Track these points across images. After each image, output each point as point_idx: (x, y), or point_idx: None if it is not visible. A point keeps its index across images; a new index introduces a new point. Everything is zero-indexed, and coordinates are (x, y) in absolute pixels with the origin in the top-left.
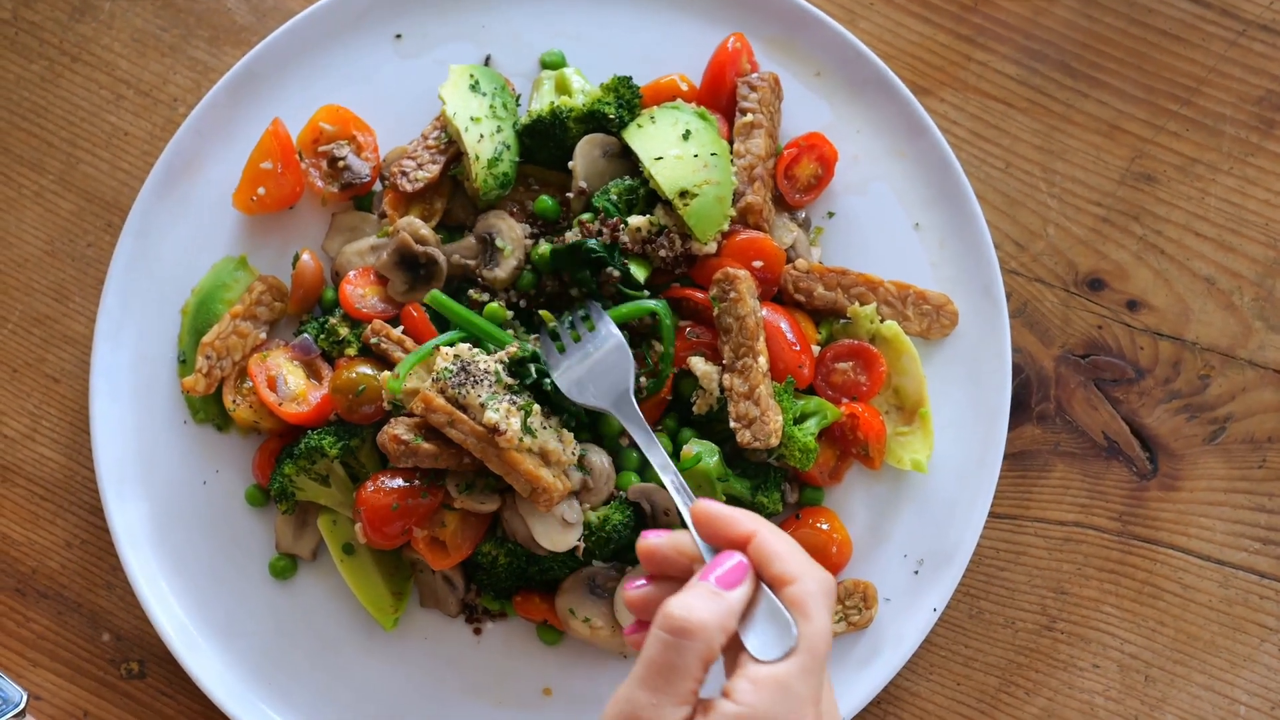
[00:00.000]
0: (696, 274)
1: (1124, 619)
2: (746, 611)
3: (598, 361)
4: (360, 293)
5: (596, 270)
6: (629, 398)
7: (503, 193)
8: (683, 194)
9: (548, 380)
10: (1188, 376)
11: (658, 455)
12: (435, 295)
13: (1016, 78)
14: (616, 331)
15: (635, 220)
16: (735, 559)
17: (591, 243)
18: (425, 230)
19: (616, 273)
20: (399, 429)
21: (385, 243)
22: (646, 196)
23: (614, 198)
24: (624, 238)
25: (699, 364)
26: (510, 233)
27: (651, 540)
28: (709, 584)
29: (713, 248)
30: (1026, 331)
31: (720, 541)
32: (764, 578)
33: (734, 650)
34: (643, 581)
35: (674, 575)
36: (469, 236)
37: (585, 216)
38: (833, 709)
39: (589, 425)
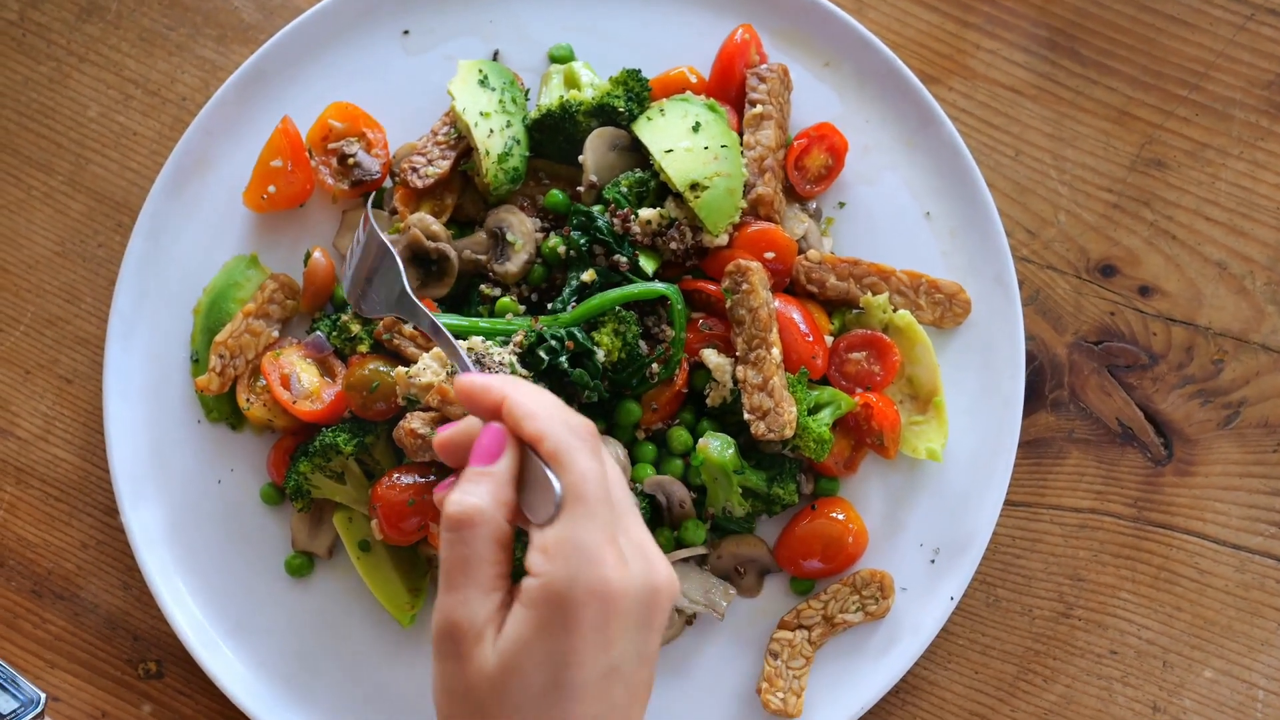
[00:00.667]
0: (708, 266)
1: (1141, 605)
2: (522, 479)
3: (370, 269)
4: None
5: (604, 253)
6: (408, 297)
7: (513, 187)
8: (693, 186)
9: (562, 360)
10: (1201, 361)
11: (444, 341)
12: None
13: (1025, 65)
14: (381, 236)
15: (646, 213)
16: (490, 431)
17: (600, 221)
18: (436, 226)
19: (624, 260)
20: (415, 423)
21: (397, 239)
22: (657, 189)
23: (624, 190)
24: (635, 229)
25: (712, 356)
26: (521, 227)
27: (444, 434)
28: (474, 468)
29: (724, 240)
30: (1039, 319)
31: (482, 413)
32: (523, 440)
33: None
34: (451, 479)
35: None
36: (480, 231)
37: (596, 209)
38: (642, 538)
39: (604, 416)
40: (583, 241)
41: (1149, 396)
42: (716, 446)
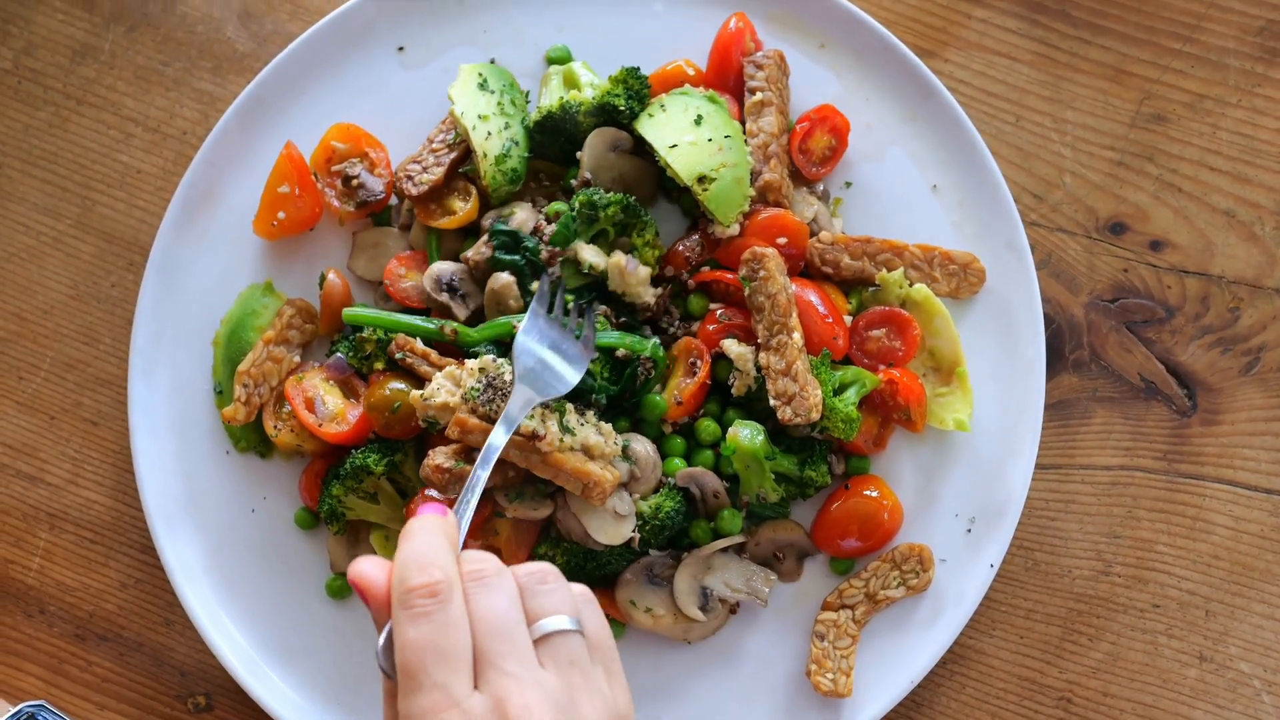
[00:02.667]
0: (723, 256)
1: (1179, 556)
2: None
3: (553, 364)
4: (401, 271)
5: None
6: (515, 418)
7: (513, 189)
8: (701, 179)
9: None
10: (1217, 310)
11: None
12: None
13: (1018, 31)
14: (586, 364)
15: (583, 251)
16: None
17: (527, 243)
18: (446, 268)
19: (602, 308)
20: (439, 459)
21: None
22: (621, 216)
23: (575, 207)
24: (564, 272)
25: (732, 346)
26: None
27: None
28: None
29: (735, 229)
30: (1053, 281)
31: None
32: None
33: None
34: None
35: None
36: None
37: (555, 207)
38: (501, 693)
39: (628, 412)
40: (509, 260)
41: (1169, 349)
42: (746, 434)
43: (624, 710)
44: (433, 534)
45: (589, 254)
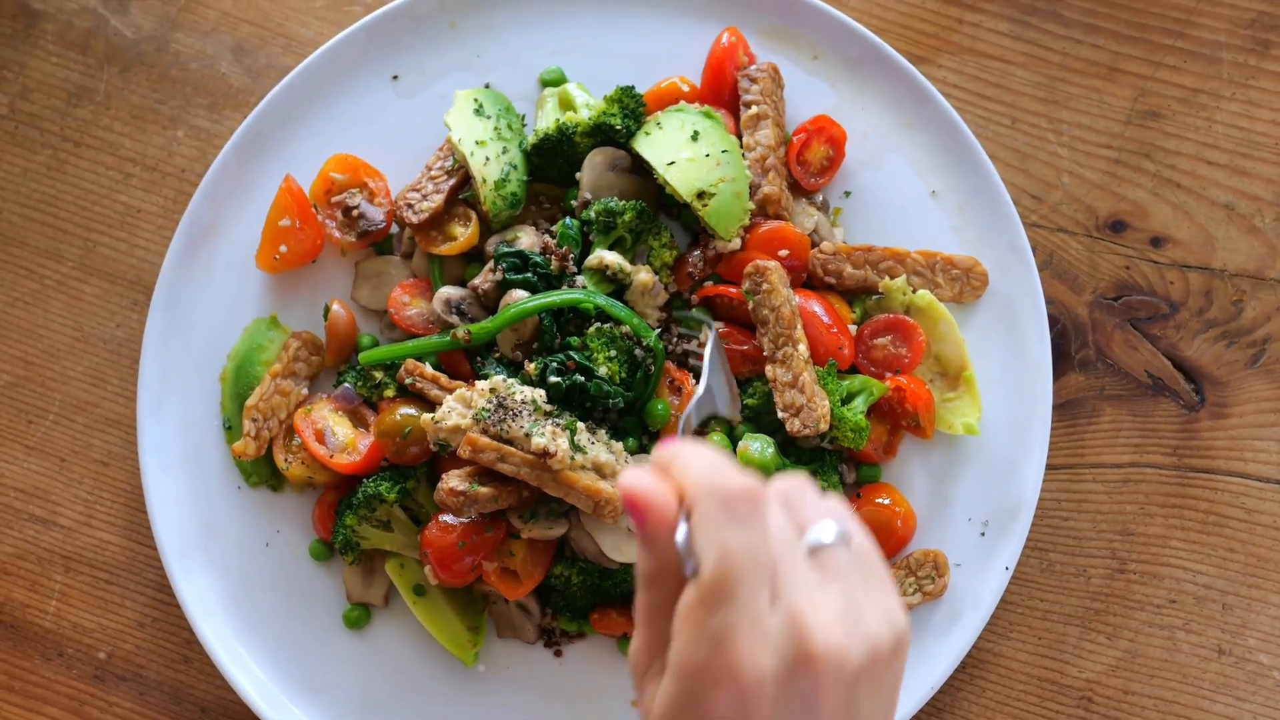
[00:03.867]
0: (725, 270)
1: (1193, 551)
2: None
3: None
4: (405, 299)
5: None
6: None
7: (513, 213)
8: (700, 195)
9: (576, 377)
10: (1221, 304)
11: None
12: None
13: (1010, 34)
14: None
15: (610, 257)
16: (626, 496)
17: (535, 259)
18: (455, 292)
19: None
20: (453, 481)
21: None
22: (636, 223)
23: (572, 227)
24: (580, 276)
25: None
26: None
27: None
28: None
29: (737, 243)
30: (1056, 281)
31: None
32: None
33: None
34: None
35: None
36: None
37: (527, 249)
38: (799, 608)
39: (634, 431)
40: (520, 279)
41: (1174, 345)
42: (757, 448)
43: (902, 622)
44: (711, 450)
45: (612, 258)
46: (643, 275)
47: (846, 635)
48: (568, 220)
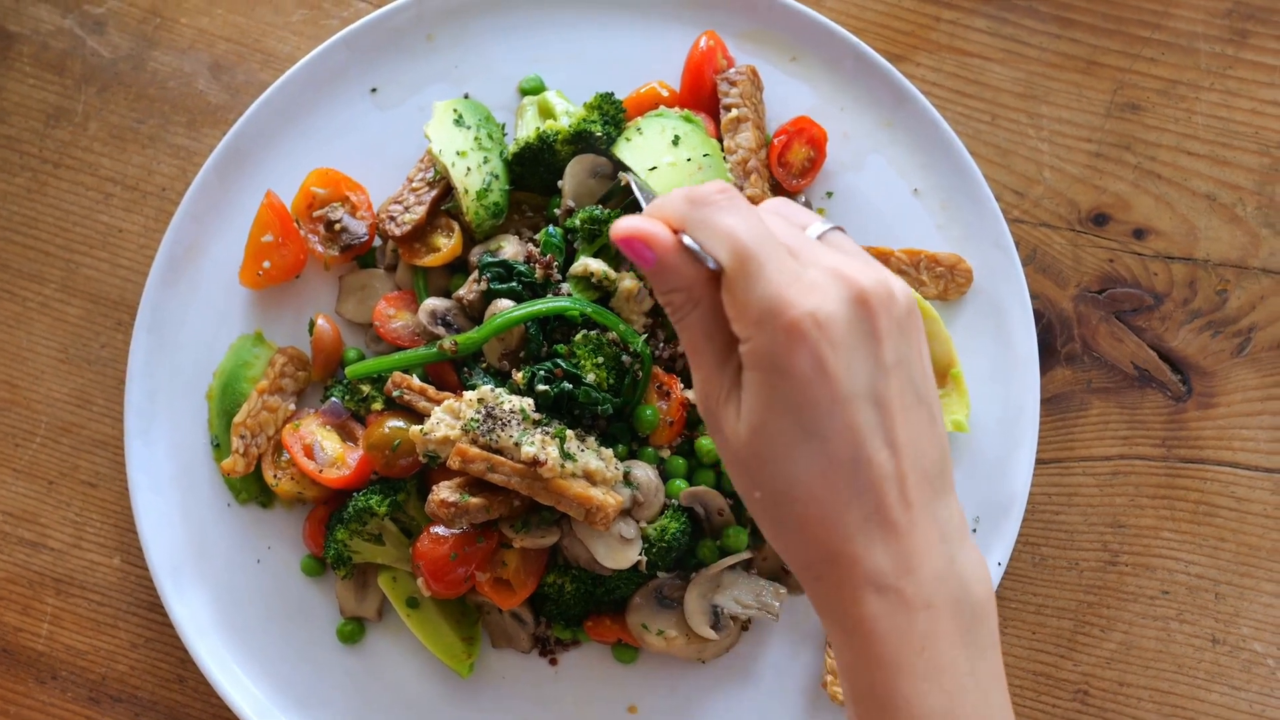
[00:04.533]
0: None
1: (1184, 541)
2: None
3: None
4: (390, 312)
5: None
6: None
7: (496, 222)
8: None
9: (564, 385)
10: (1205, 294)
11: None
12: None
13: (988, 30)
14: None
15: (591, 264)
16: (626, 244)
17: (520, 268)
18: (440, 303)
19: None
20: (444, 493)
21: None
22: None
23: (555, 236)
24: (565, 284)
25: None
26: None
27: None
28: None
29: None
30: (1040, 276)
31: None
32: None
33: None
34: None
35: None
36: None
37: (511, 259)
38: (833, 261)
39: (624, 438)
40: (504, 289)
41: (1160, 336)
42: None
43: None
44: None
45: (597, 265)
46: (627, 282)
47: (883, 282)
48: (551, 229)
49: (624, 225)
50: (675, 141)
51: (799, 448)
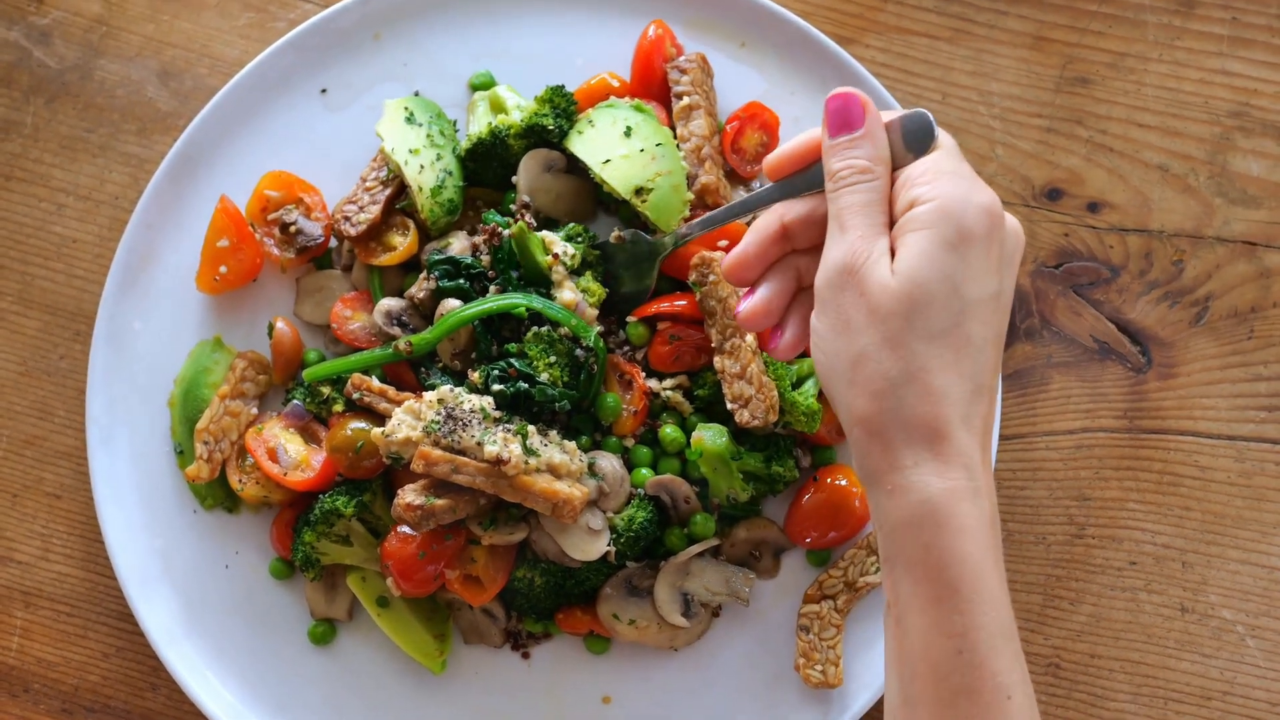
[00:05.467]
0: (669, 267)
1: (1149, 512)
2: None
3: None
4: (348, 313)
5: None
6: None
7: (452, 219)
8: (638, 191)
9: (520, 384)
10: (1161, 265)
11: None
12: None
13: (935, 9)
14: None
15: (568, 246)
16: (844, 98)
17: (465, 261)
18: (395, 303)
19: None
20: (409, 496)
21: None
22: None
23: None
24: (507, 241)
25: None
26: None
27: (733, 256)
28: (843, 138)
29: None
30: None
31: (808, 158)
32: None
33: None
34: (741, 296)
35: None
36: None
37: (489, 217)
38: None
39: (588, 428)
40: (452, 286)
41: (1118, 309)
42: (710, 436)
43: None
44: None
45: (562, 247)
46: (568, 297)
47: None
48: (493, 212)
49: (840, 90)
50: (627, 133)
51: (949, 310)
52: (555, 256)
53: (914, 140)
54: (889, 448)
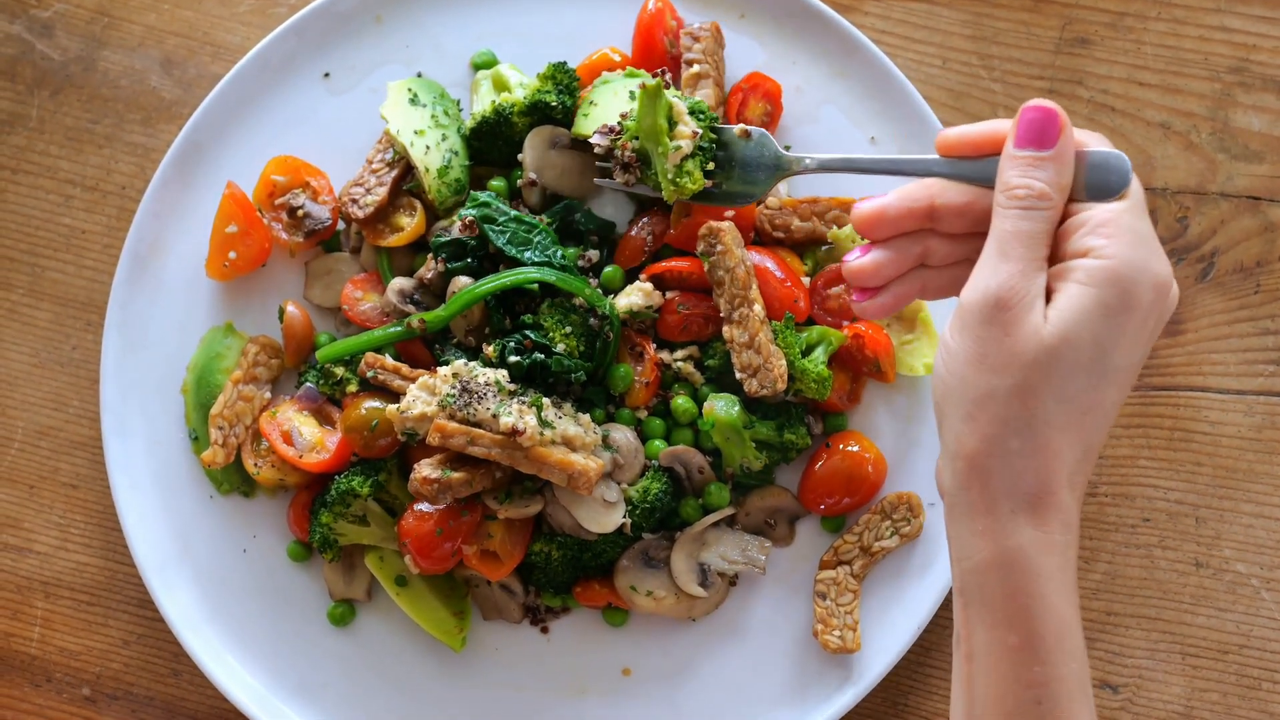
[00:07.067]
0: (677, 239)
1: (1161, 469)
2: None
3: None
4: (358, 295)
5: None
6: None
7: (458, 199)
8: None
9: (536, 356)
10: (1166, 222)
11: None
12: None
13: None
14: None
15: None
16: (1042, 111)
17: (495, 203)
18: (407, 282)
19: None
20: (426, 470)
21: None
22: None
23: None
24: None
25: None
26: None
27: (874, 203)
28: (1029, 153)
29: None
30: None
31: (985, 149)
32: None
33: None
34: (858, 251)
35: (902, 235)
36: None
37: (495, 185)
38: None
39: (601, 401)
40: (460, 266)
41: None
42: (722, 406)
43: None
44: None
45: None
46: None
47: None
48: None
49: (1039, 102)
50: (632, 97)
51: (1089, 375)
52: (678, 131)
53: (1103, 181)
54: (988, 490)
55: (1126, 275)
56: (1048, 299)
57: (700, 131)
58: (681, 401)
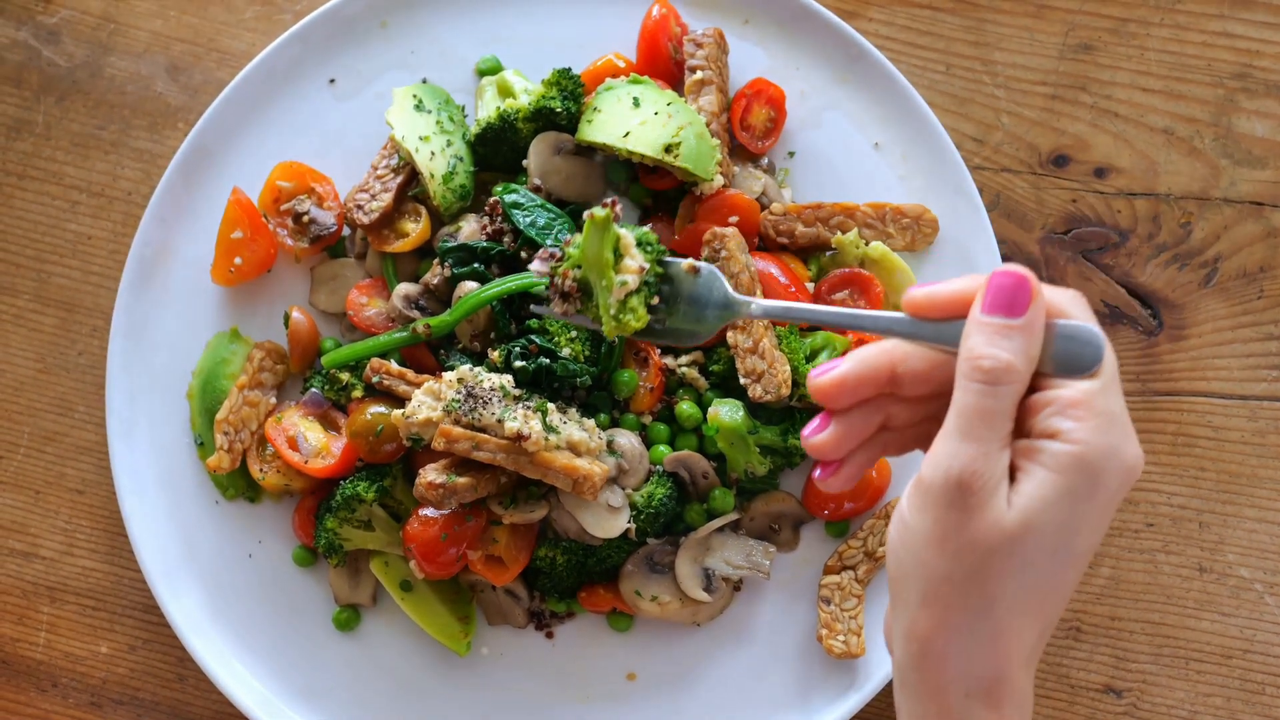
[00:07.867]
0: (681, 245)
1: (1165, 473)
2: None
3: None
4: (363, 300)
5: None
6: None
7: (463, 204)
8: (667, 149)
9: (542, 360)
10: (1169, 228)
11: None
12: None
13: None
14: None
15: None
16: (1013, 278)
17: (482, 246)
18: (413, 288)
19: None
20: (431, 475)
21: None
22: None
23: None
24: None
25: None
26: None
27: (833, 374)
28: (998, 320)
29: (719, 180)
30: (1005, 221)
31: (952, 312)
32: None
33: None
34: (817, 423)
35: (861, 403)
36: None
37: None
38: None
39: (606, 406)
40: (467, 271)
41: (1127, 272)
42: (727, 411)
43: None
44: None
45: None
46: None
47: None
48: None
49: (1010, 267)
50: (635, 103)
51: (1052, 561)
52: (624, 265)
53: (1075, 354)
54: (942, 675)
55: (1095, 462)
56: (1012, 477)
57: (647, 266)
58: (686, 407)
